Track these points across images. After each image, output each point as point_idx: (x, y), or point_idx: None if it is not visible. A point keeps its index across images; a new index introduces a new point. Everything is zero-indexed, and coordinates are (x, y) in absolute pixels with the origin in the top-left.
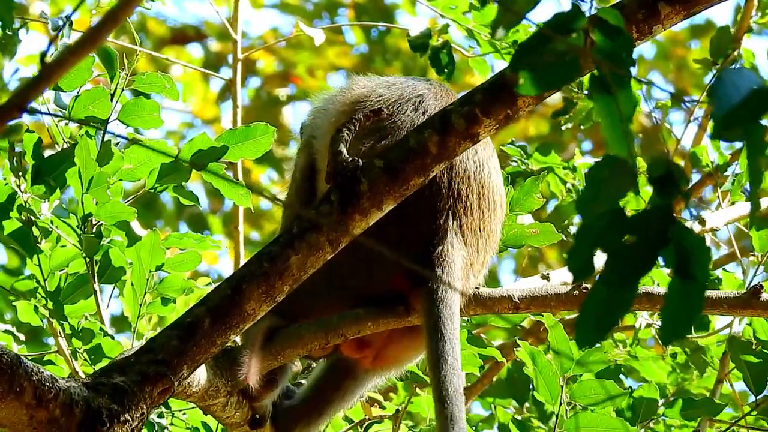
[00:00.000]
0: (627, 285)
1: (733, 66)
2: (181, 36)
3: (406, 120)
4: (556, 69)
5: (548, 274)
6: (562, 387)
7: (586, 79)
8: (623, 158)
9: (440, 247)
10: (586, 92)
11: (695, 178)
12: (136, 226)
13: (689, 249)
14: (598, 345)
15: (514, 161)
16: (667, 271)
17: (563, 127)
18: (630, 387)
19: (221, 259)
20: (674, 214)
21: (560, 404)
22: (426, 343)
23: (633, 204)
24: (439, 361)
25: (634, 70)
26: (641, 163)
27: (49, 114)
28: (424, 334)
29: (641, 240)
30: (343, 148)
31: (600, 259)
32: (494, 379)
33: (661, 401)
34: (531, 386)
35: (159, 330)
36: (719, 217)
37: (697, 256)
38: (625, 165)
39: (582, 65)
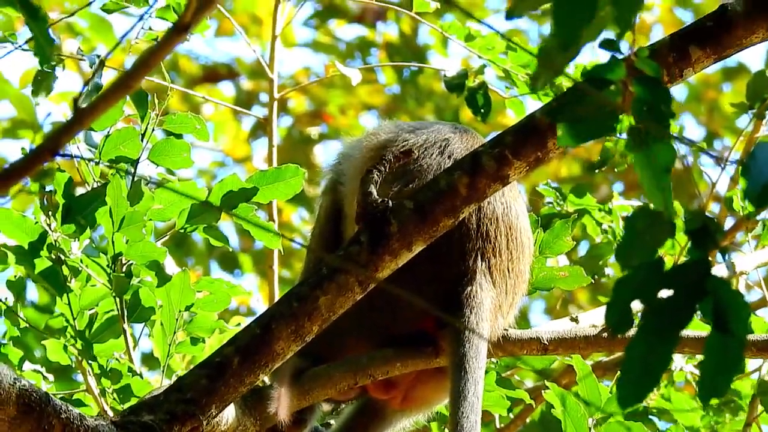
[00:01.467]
0: (666, 339)
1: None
2: (213, 74)
3: (433, 164)
4: (595, 121)
5: (577, 316)
6: (590, 429)
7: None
8: (660, 210)
9: (469, 288)
10: (620, 135)
11: (729, 221)
12: (170, 263)
13: (727, 303)
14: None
15: (549, 202)
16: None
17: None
18: (659, 429)
19: (253, 297)
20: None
21: None
22: (449, 379)
23: (668, 246)
24: (459, 397)
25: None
26: (676, 207)
27: (82, 158)
28: (448, 372)
29: (679, 293)
30: (373, 189)
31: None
32: (527, 421)
33: None
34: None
35: (191, 368)
36: (749, 261)
37: (735, 310)
38: (663, 217)
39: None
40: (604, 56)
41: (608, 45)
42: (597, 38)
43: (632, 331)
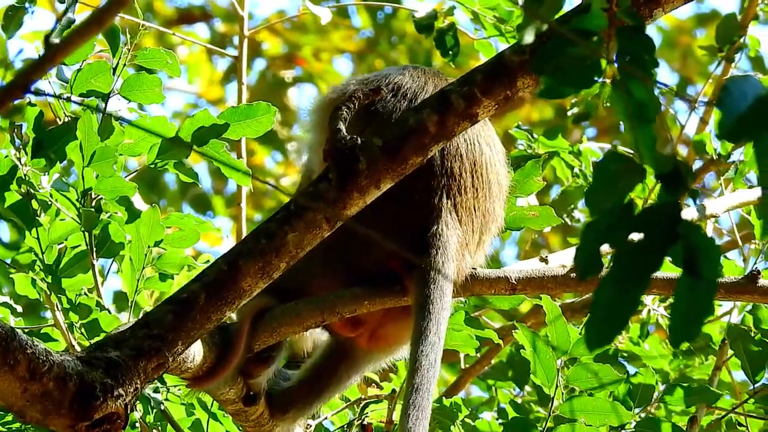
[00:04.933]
0: (635, 283)
1: (738, 53)
2: (187, 16)
3: (389, 106)
4: (577, 73)
5: (546, 257)
6: (558, 371)
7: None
8: (631, 155)
9: (434, 227)
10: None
11: (698, 164)
12: (139, 202)
13: (698, 247)
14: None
15: (521, 145)
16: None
17: (569, 112)
18: (627, 372)
19: (225, 241)
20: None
21: (557, 388)
22: (413, 319)
23: (638, 190)
24: (421, 336)
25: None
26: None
27: (53, 96)
28: (412, 312)
29: (649, 237)
30: (342, 126)
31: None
32: (493, 362)
33: (662, 387)
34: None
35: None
36: (720, 204)
37: (706, 254)
38: (634, 162)
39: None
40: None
41: None
42: None
43: (601, 273)
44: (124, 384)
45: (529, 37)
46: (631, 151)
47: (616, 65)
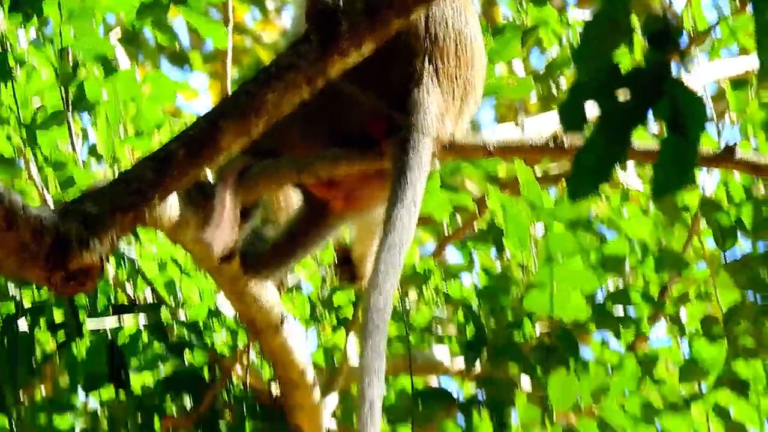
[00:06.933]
0: (620, 138)
1: None
2: None
3: None
4: None
5: (522, 122)
6: (531, 235)
7: None
8: (618, 15)
9: (415, 92)
10: None
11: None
12: (121, 54)
13: (683, 104)
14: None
15: (507, 18)
16: None
17: None
18: (603, 237)
19: (201, 96)
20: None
21: (531, 253)
22: (390, 183)
23: (627, 62)
24: (397, 201)
25: None
26: (635, 22)
27: None
28: (390, 176)
29: (635, 94)
30: None
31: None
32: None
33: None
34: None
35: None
36: (697, 77)
37: (691, 111)
38: (620, 22)
39: None
40: None
41: None
42: None
43: (581, 139)
44: (100, 237)
45: None
46: None
47: None
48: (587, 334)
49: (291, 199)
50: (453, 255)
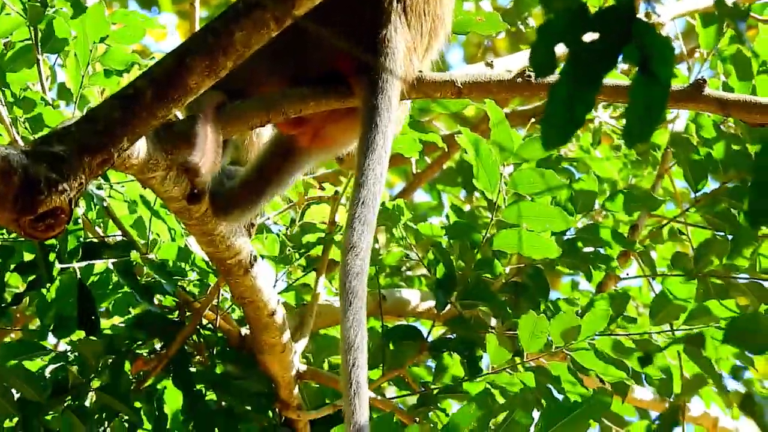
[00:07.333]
0: (590, 82)
1: None
2: None
3: None
4: None
5: (492, 61)
6: (501, 175)
7: None
8: None
9: (384, 31)
10: None
11: None
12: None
13: (653, 46)
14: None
15: None
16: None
17: None
18: (572, 176)
19: (170, 37)
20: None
21: (499, 192)
22: (360, 129)
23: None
24: (368, 150)
25: None
26: None
27: None
28: (360, 123)
29: (604, 36)
30: None
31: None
32: (444, 167)
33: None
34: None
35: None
36: (666, 12)
37: (660, 54)
38: None
39: None
40: None
41: None
42: None
43: (551, 78)
44: (69, 179)
45: None
46: None
47: None
48: (557, 278)
49: (262, 139)
50: (422, 197)
